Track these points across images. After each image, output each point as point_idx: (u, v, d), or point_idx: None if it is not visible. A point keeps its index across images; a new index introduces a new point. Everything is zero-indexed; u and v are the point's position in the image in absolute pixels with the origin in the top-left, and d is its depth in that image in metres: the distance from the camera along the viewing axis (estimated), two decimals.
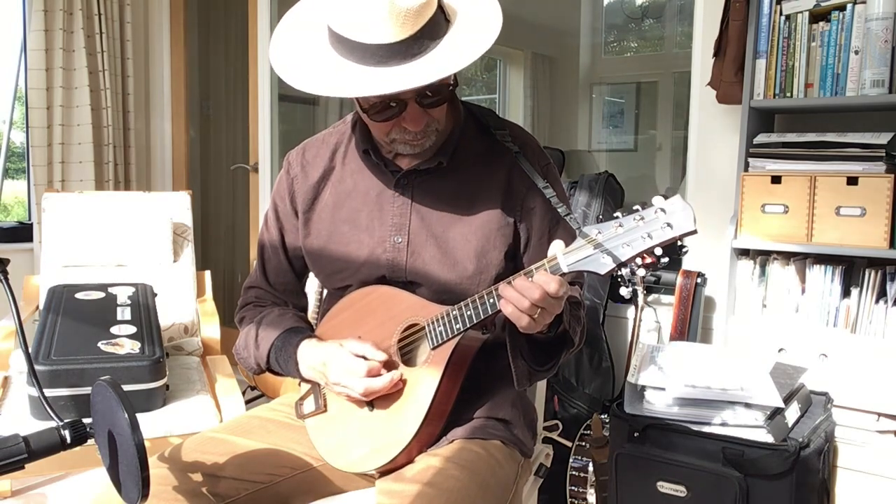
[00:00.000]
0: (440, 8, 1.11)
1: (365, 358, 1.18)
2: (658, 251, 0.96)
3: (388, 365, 1.20)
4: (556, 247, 1.03)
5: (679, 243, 0.95)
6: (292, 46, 1.18)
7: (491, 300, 1.09)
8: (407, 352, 1.23)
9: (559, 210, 1.16)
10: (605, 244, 0.98)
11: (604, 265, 0.98)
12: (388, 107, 1.14)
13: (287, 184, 1.37)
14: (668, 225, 0.94)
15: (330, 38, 1.13)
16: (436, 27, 1.10)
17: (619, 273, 2.19)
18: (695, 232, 0.94)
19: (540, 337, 1.14)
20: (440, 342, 1.16)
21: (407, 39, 1.06)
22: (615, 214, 1.00)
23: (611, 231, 0.98)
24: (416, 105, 1.14)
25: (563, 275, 1.02)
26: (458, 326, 1.13)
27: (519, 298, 1.02)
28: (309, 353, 1.25)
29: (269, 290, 1.42)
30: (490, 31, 1.11)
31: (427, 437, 1.20)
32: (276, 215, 1.39)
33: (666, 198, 0.95)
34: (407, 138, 1.19)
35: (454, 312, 1.14)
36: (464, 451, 1.17)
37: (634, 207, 0.98)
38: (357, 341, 1.20)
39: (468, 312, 1.12)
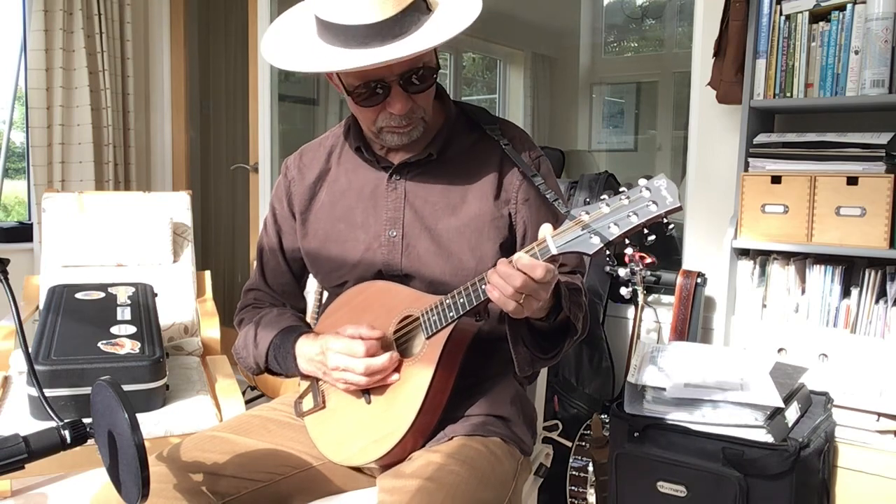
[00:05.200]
0: None
1: (362, 338, 1.19)
2: (644, 230, 0.98)
3: (386, 346, 1.21)
4: (545, 230, 1.05)
5: (665, 220, 0.97)
6: (282, 36, 1.24)
7: (482, 286, 1.11)
8: (403, 343, 1.25)
9: (548, 195, 1.18)
10: (592, 224, 1.00)
11: (592, 245, 1.00)
12: (373, 92, 1.18)
13: (284, 187, 1.40)
14: (654, 202, 0.97)
15: (318, 27, 1.18)
16: (417, 11, 1.14)
17: (618, 274, 2.21)
18: (679, 208, 0.96)
19: (542, 325, 1.16)
20: (435, 331, 1.17)
21: (388, 20, 1.10)
22: (602, 196, 1.02)
23: (598, 212, 1.00)
24: (399, 89, 1.18)
25: (552, 257, 1.03)
26: (451, 314, 1.15)
27: (503, 285, 1.04)
28: (307, 347, 1.27)
29: (267, 292, 1.44)
30: (469, 15, 1.15)
31: (424, 426, 1.21)
32: (275, 219, 1.42)
33: (650, 178, 0.98)
34: (393, 125, 1.22)
35: (447, 301, 1.16)
36: (464, 448, 1.17)
37: (621, 189, 1.00)
38: (352, 325, 1.22)
39: (461, 300, 1.14)
